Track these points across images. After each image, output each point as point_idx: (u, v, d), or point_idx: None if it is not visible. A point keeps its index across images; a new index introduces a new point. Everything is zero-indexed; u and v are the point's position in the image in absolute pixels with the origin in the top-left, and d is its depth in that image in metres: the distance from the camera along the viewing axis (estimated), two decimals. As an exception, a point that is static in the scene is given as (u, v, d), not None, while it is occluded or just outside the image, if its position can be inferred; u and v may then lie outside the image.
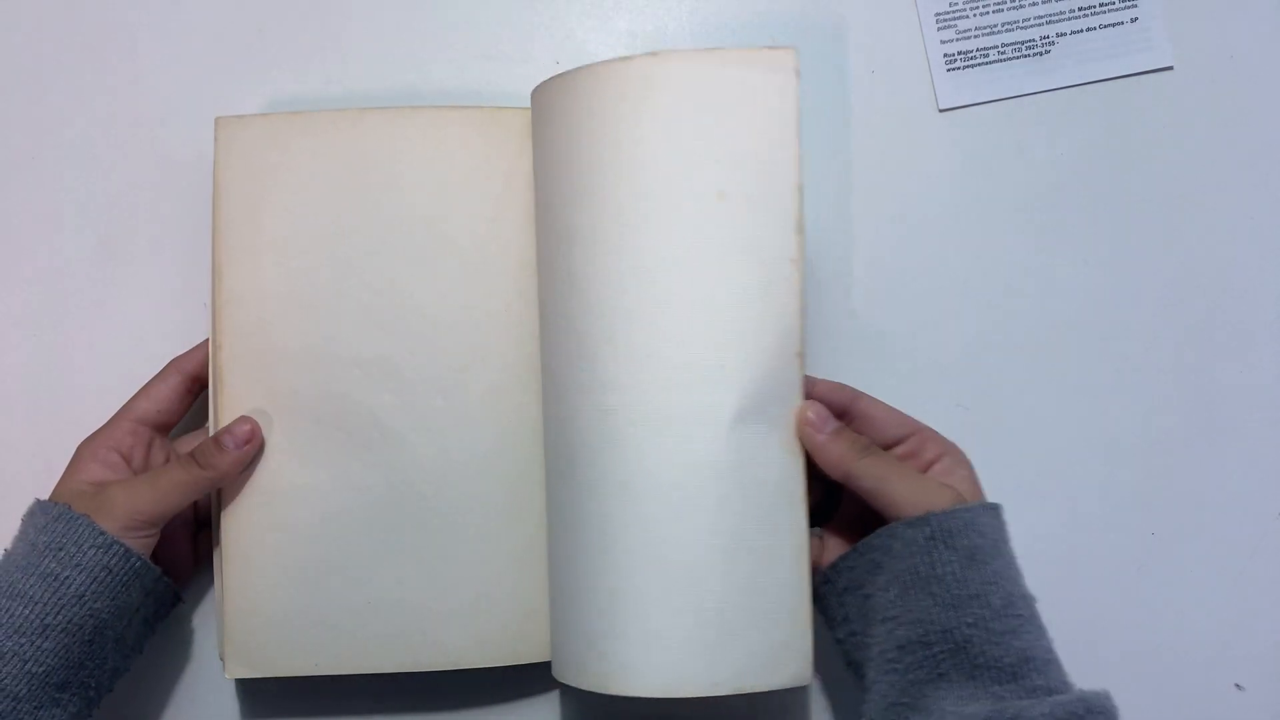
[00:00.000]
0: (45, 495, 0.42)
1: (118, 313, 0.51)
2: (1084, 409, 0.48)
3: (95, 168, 0.52)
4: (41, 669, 0.38)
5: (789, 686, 0.40)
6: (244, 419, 0.44)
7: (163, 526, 0.42)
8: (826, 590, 0.42)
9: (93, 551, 0.39)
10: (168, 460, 0.45)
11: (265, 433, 0.44)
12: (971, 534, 0.38)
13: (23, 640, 0.37)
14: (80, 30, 0.53)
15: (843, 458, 0.41)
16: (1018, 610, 0.37)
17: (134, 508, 0.41)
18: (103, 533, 0.39)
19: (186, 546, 0.47)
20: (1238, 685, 0.46)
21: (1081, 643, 0.45)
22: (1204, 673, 0.47)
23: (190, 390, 0.46)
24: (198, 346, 0.46)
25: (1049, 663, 0.36)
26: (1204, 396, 0.50)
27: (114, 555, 0.39)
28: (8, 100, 0.52)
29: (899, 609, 0.38)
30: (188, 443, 0.47)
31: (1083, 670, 0.37)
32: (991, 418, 0.49)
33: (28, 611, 0.38)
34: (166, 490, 0.42)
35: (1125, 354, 0.50)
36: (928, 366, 0.50)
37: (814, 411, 0.41)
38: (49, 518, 0.40)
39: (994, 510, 0.40)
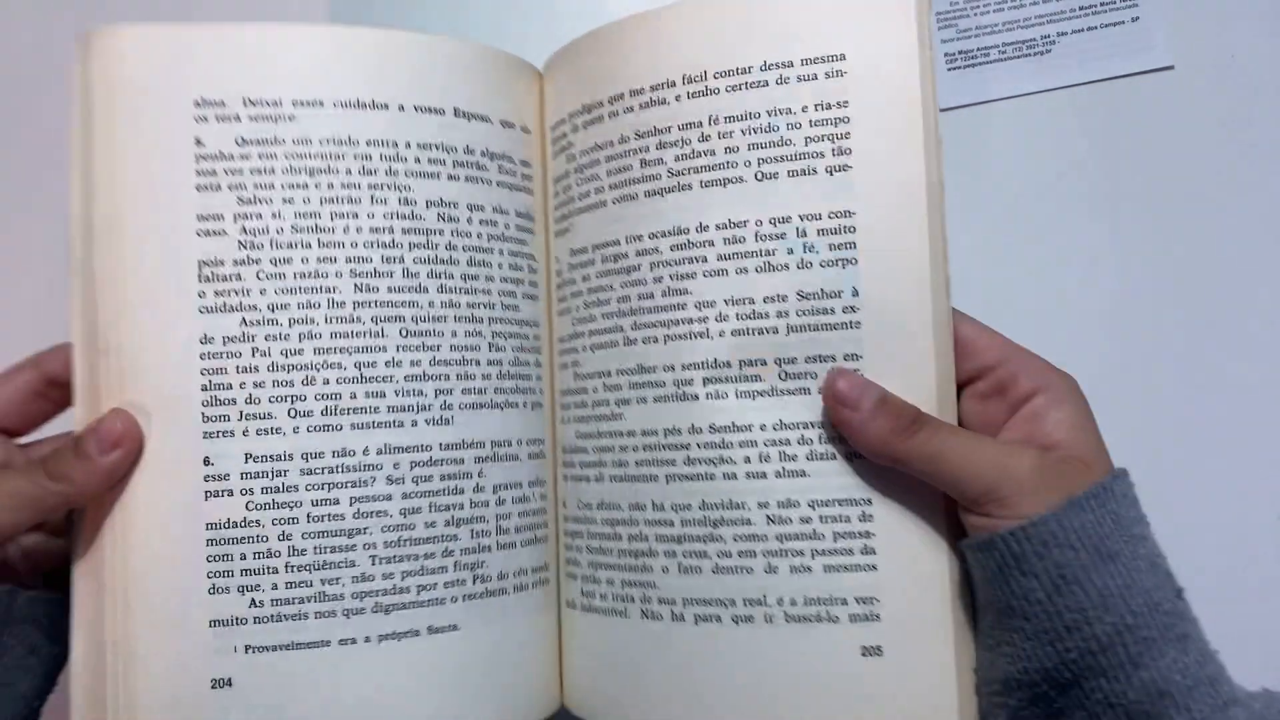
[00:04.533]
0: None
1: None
2: (1084, 409, 0.48)
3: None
4: None
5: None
6: (117, 413, 0.32)
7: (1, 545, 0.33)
8: None
9: None
10: (4, 465, 0.34)
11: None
12: (1053, 551, 0.29)
13: None
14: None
15: (885, 439, 0.31)
16: (1140, 633, 0.29)
17: None
18: None
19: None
20: (1238, 686, 0.46)
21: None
22: (1204, 673, 0.47)
23: (46, 395, 0.35)
24: (62, 345, 0.35)
25: (1193, 688, 0.29)
26: (1204, 396, 0.50)
27: None
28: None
29: (994, 638, 0.31)
30: (40, 449, 0.36)
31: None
32: (991, 418, 0.49)
33: None
34: (2, 502, 0.31)
35: (1124, 353, 0.50)
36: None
37: (845, 382, 0.32)
38: None
39: (1099, 499, 0.30)
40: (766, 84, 0.34)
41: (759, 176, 0.34)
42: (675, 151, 0.34)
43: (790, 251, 0.33)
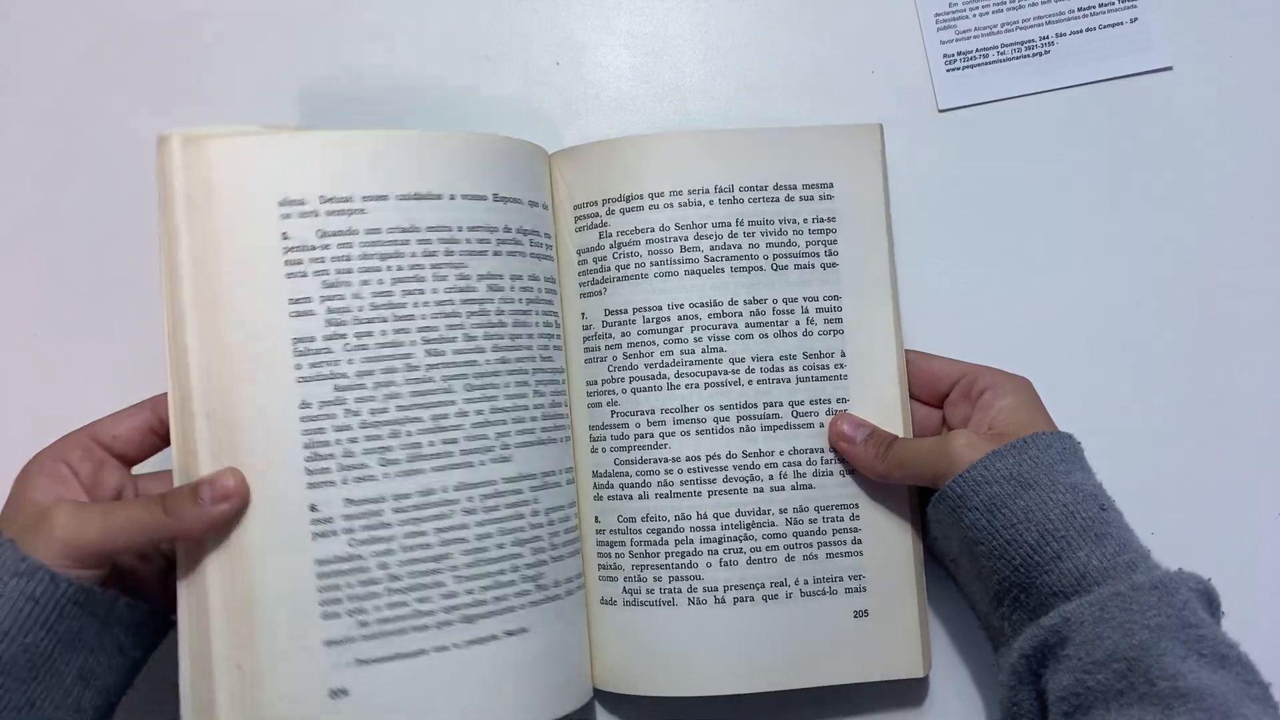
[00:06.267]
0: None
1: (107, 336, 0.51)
2: (1083, 409, 0.48)
3: (82, 173, 0.52)
4: None
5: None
6: (231, 471, 0.37)
7: (113, 560, 0.37)
8: (936, 556, 0.45)
9: (14, 580, 0.34)
10: (120, 489, 0.40)
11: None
12: (983, 488, 0.39)
13: None
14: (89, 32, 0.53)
15: (871, 463, 0.43)
16: (1058, 534, 0.37)
17: (75, 536, 0.35)
18: (24, 558, 0.35)
19: (159, 563, 0.41)
20: (1237, 685, 0.46)
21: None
22: (1204, 673, 0.47)
23: (160, 434, 0.40)
24: None
25: (1107, 569, 0.37)
26: (1204, 396, 0.50)
27: (38, 583, 0.35)
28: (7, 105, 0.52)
29: (972, 571, 0.41)
30: (153, 483, 0.41)
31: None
32: (991, 418, 0.50)
33: None
34: (120, 526, 0.36)
35: (1124, 354, 0.50)
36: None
37: (847, 424, 0.44)
38: None
39: (1016, 448, 0.39)
40: (778, 200, 0.45)
41: (774, 267, 0.45)
42: (710, 242, 0.44)
43: (798, 324, 0.45)
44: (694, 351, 0.44)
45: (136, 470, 0.41)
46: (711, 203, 0.44)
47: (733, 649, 0.44)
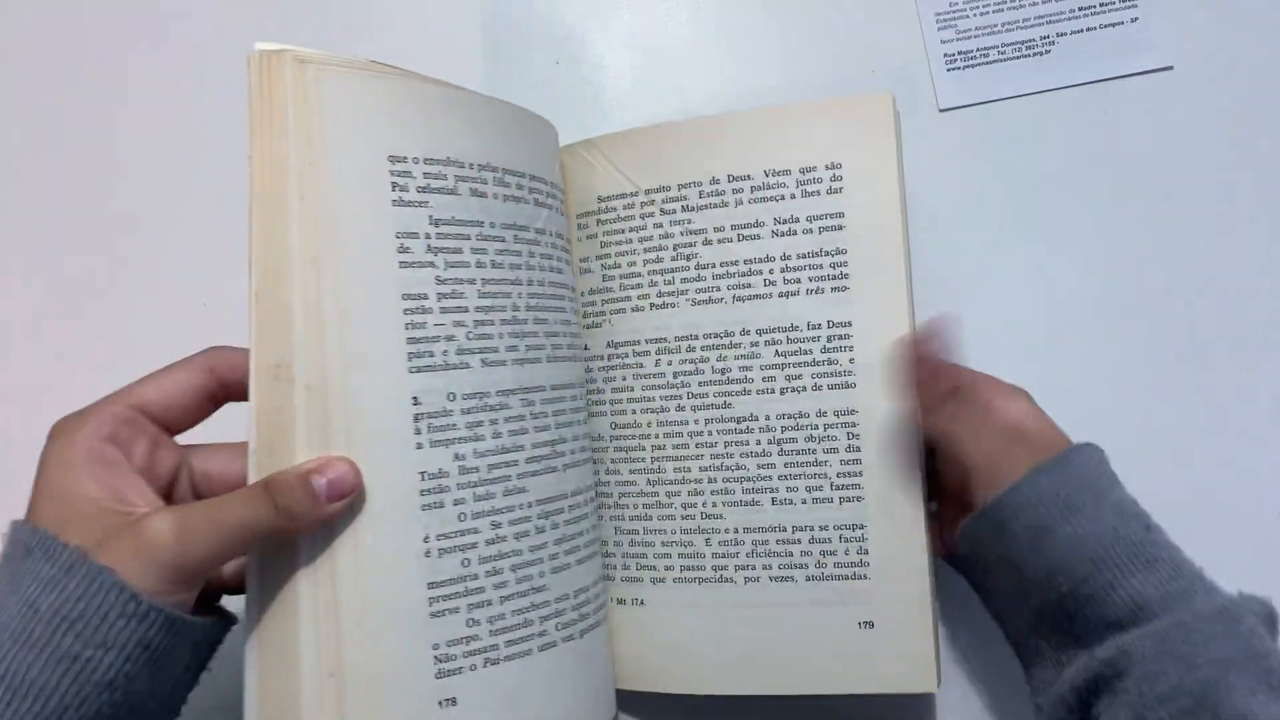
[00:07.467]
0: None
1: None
2: (1082, 409, 0.48)
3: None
4: None
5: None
6: (343, 460, 0.32)
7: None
8: (962, 566, 0.42)
9: (123, 624, 0.29)
10: (175, 471, 0.34)
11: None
12: (1026, 511, 0.37)
13: None
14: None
15: (927, 390, 0.40)
16: (1109, 563, 0.35)
17: (183, 556, 0.30)
18: (135, 597, 0.29)
19: None
20: (1238, 685, 0.46)
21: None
22: (1204, 672, 0.47)
23: (214, 397, 0.35)
24: (243, 349, 0.34)
25: (1164, 598, 0.34)
26: (1204, 396, 0.50)
27: (153, 626, 0.29)
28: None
29: (1010, 589, 0.38)
30: (205, 458, 0.36)
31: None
32: (992, 418, 0.49)
33: (39, 708, 0.28)
34: (230, 535, 0.31)
35: (1124, 354, 0.50)
36: (928, 367, 0.50)
37: (926, 327, 0.41)
38: (57, 567, 0.29)
39: (1059, 464, 0.37)
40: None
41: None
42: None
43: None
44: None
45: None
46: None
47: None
